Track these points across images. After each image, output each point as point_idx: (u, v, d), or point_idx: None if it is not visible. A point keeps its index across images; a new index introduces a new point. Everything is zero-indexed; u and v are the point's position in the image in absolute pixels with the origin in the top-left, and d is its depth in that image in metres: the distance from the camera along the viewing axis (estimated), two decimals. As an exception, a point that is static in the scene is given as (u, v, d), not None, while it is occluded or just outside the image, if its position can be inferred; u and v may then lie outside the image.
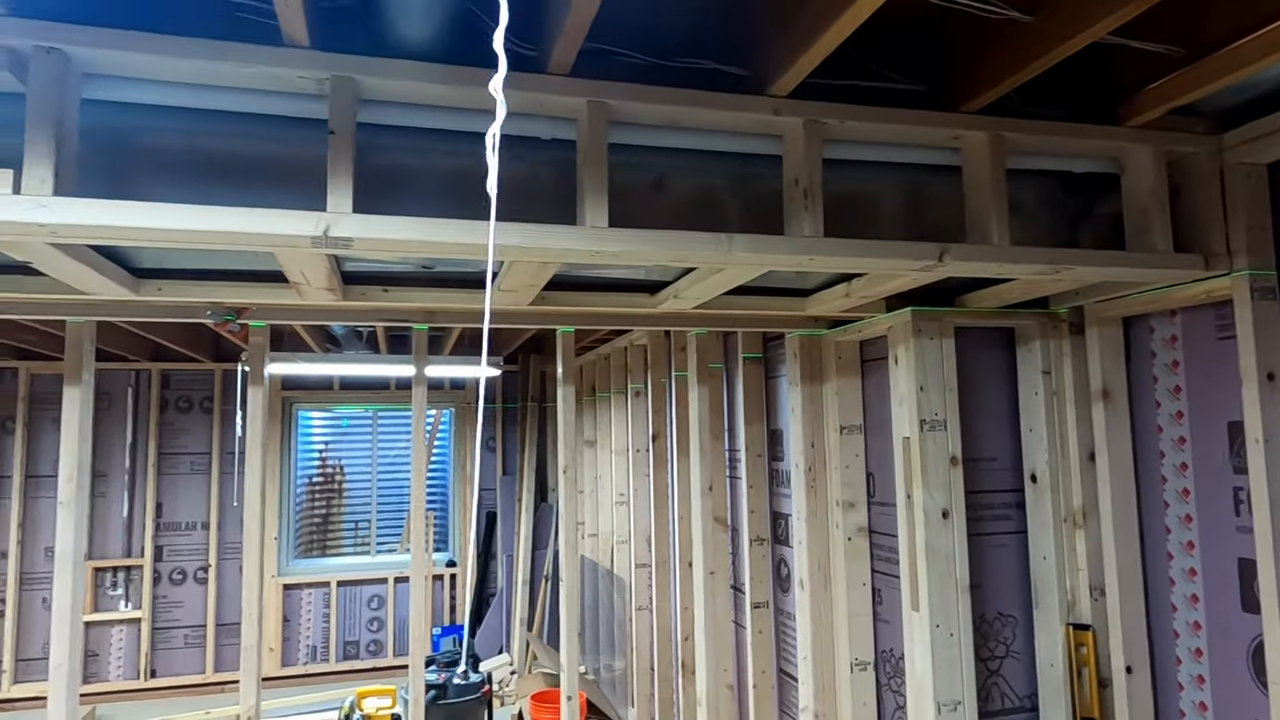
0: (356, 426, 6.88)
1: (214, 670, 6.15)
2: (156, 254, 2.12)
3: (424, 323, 2.65)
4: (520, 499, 6.66)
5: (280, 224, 1.58)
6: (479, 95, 1.73)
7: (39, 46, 1.49)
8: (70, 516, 2.36)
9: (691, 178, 2.13)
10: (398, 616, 6.60)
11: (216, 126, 1.83)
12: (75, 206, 1.47)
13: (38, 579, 5.92)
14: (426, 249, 1.69)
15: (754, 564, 3.59)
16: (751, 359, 3.68)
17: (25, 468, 5.91)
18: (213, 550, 6.21)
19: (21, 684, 5.82)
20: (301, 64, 1.61)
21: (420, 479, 2.75)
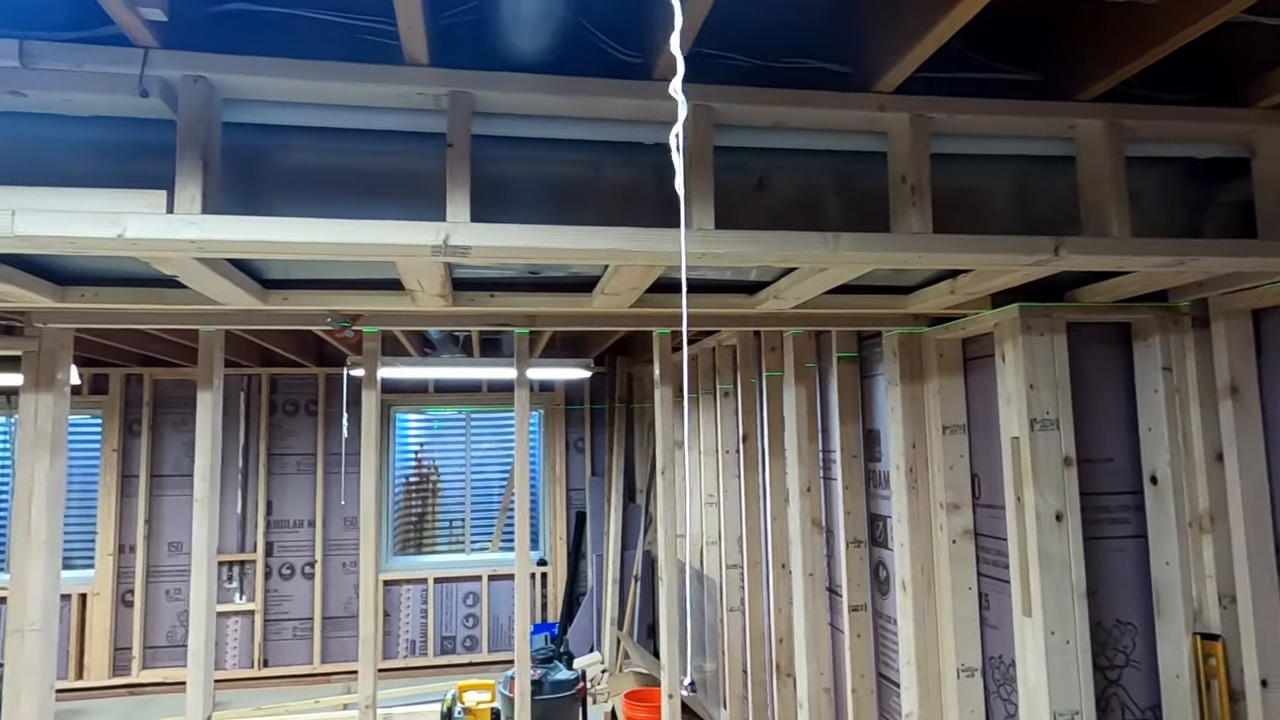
0: (449, 428, 7.08)
1: (321, 661, 6.44)
2: (284, 266, 2.25)
3: (525, 326, 2.72)
4: (609, 499, 6.74)
5: (403, 235, 1.66)
6: (587, 104, 1.78)
7: (187, 76, 1.61)
8: (205, 513, 2.52)
9: (793, 177, 2.13)
10: (492, 613, 6.77)
11: (337, 144, 1.92)
12: (221, 223, 1.58)
13: (162, 572, 6.32)
14: (539, 255, 1.74)
15: (851, 566, 3.54)
16: (846, 358, 3.63)
17: (150, 467, 6.32)
18: (318, 547, 6.50)
19: (149, 670, 6.23)
20: (421, 81, 1.69)
21: (524, 478, 2.82)
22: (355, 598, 6.57)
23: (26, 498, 2.43)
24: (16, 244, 1.56)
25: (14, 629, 2.44)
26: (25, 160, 1.78)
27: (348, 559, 6.59)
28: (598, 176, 2.04)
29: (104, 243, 1.57)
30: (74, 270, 2.24)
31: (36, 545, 2.43)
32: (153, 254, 1.66)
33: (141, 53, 1.59)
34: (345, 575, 6.58)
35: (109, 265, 2.22)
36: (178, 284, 2.31)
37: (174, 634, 6.31)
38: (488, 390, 6.91)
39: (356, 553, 6.60)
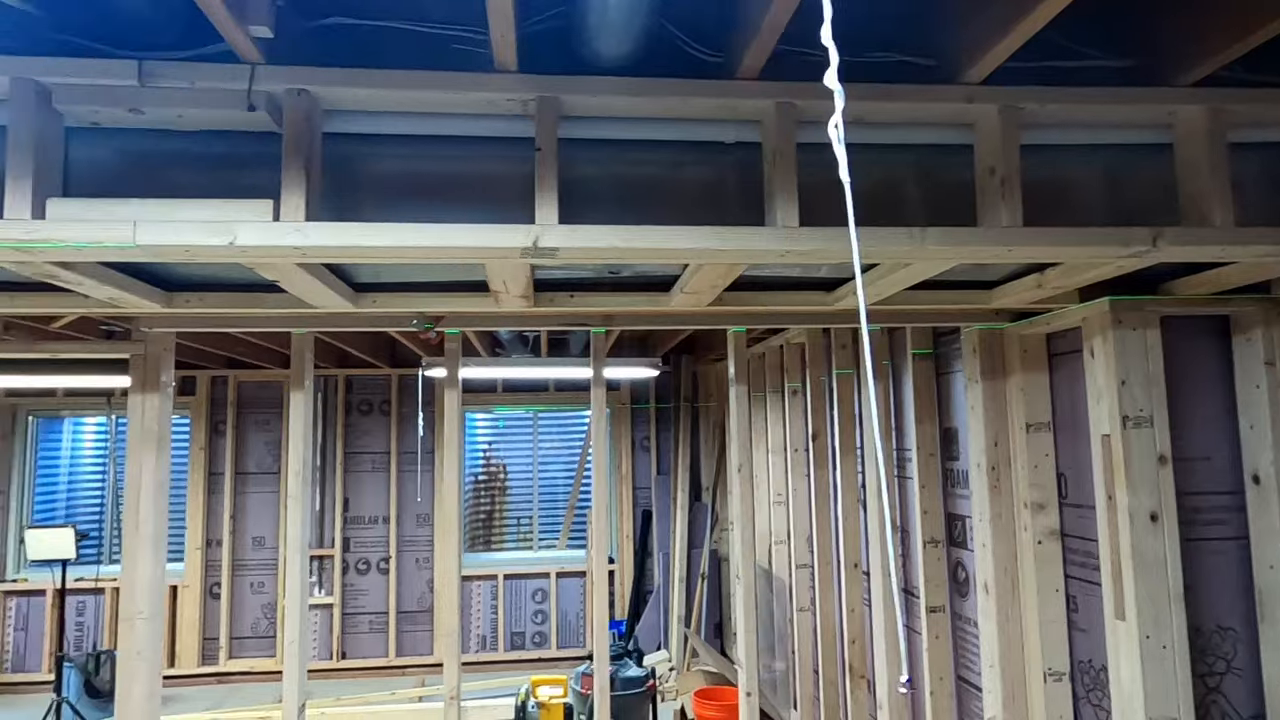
0: (514, 427, 7.20)
1: (395, 654, 6.62)
2: (373, 269, 2.32)
3: (602, 325, 2.75)
4: (675, 498, 6.76)
5: (495, 237, 1.70)
6: (669, 104, 1.79)
7: (290, 89, 1.68)
8: (298, 509, 2.63)
9: (872, 172, 2.10)
10: (560, 610, 6.85)
11: (423, 150, 1.98)
12: (323, 230, 1.65)
13: (247, 566, 6.58)
14: (624, 255, 1.77)
15: (928, 567, 3.48)
16: (921, 355, 3.57)
17: (235, 465, 6.59)
18: (392, 543, 6.68)
19: (235, 659, 6.50)
20: (510, 87, 1.73)
21: (601, 477, 2.86)
22: (428, 593, 6.74)
23: (135, 492, 2.56)
24: (137, 253, 1.65)
25: (125, 616, 2.58)
26: (140, 174, 1.89)
27: (420, 555, 6.75)
28: (677, 176, 2.05)
29: (216, 250, 1.65)
30: (179, 277, 2.36)
31: (144, 537, 2.57)
32: (258, 260, 1.74)
33: (249, 69, 1.67)
34: (418, 571, 6.74)
35: (211, 272, 2.33)
36: (274, 289, 2.41)
37: (258, 625, 6.56)
38: (554, 390, 7.00)
39: (429, 549, 6.76)
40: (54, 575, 6.19)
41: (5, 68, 1.60)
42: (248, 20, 1.54)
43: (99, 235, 1.58)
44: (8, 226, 1.57)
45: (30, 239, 1.57)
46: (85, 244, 1.60)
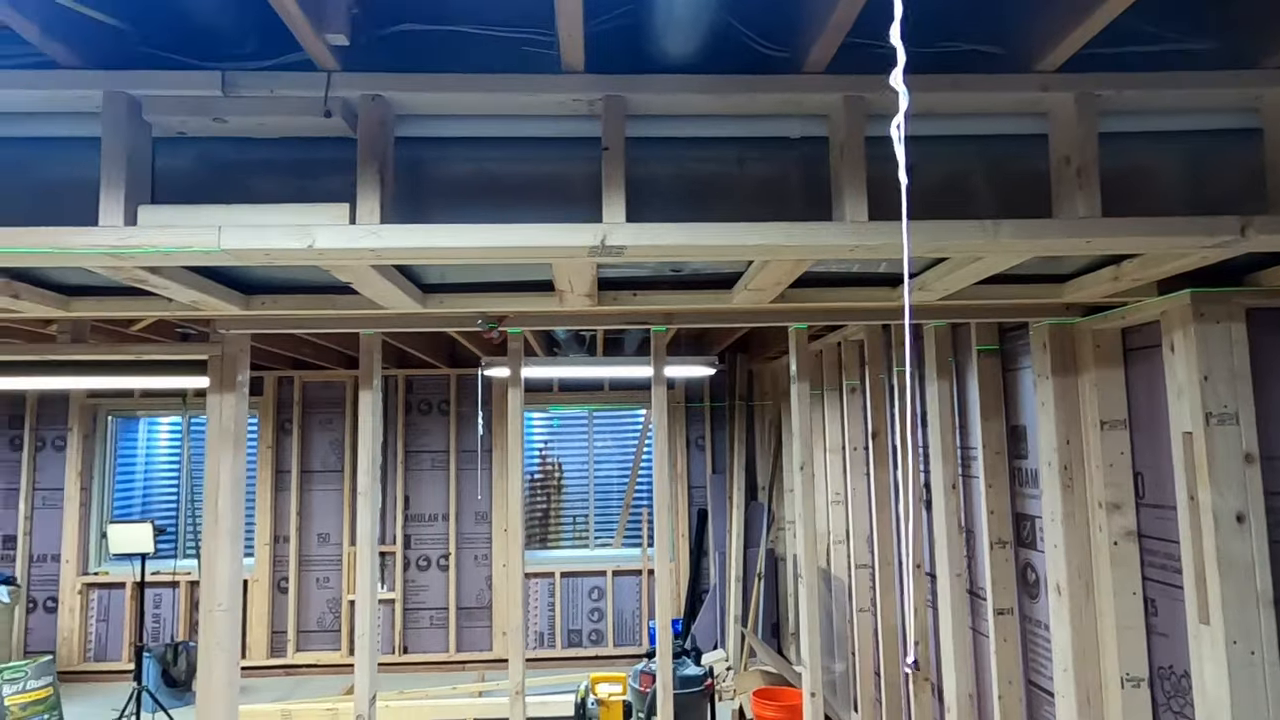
0: (569, 426, 7.25)
1: (455, 650, 6.73)
2: (440, 270, 2.37)
3: (663, 324, 2.76)
4: (730, 497, 6.73)
5: (564, 237, 1.72)
6: (734, 100, 1.79)
7: (365, 95, 1.73)
8: (368, 505, 2.69)
9: (940, 165, 2.06)
10: (616, 608, 6.88)
11: (487, 152, 2.01)
12: (397, 232, 1.69)
13: (313, 561, 6.77)
14: (691, 252, 1.77)
15: (995, 568, 3.40)
16: (987, 351, 3.49)
17: (300, 463, 6.78)
18: (452, 540, 6.80)
19: (302, 652, 6.68)
20: (577, 88, 1.75)
21: (663, 476, 2.87)
22: (486, 589, 6.83)
23: (214, 489, 2.66)
24: (222, 257, 1.71)
25: (205, 609, 2.68)
26: (220, 181, 1.96)
27: (479, 552, 6.85)
28: (741, 173, 2.04)
29: (295, 253, 1.70)
30: (255, 280, 2.43)
31: (223, 532, 2.66)
32: (335, 262, 1.79)
33: (325, 76, 1.72)
34: (477, 568, 6.84)
35: (286, 275, 2.40)
36: (345, 291, 2.48)
37: (323, 619, 6.74)
38: (609, 389, 7.03)
39: (487, 546, 6.86)
40: (134, 568, 6.46)
41: (98, 81, 1.67)
42: (325, 29, 1.59)
43: (187, 240, 1.65)
44: (103, 233, 1.65)
45: (123, 245, 1.65)
46: (173, 249, 1.67)
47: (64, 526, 6.60)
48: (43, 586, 6.61)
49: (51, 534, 6.64)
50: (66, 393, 6.65)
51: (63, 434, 6.69)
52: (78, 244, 1.63)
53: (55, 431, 6.71)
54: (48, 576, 6.62)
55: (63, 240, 1.63)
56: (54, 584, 6.61)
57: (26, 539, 6.61)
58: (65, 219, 1.86)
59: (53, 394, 6.68)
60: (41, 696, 5.20)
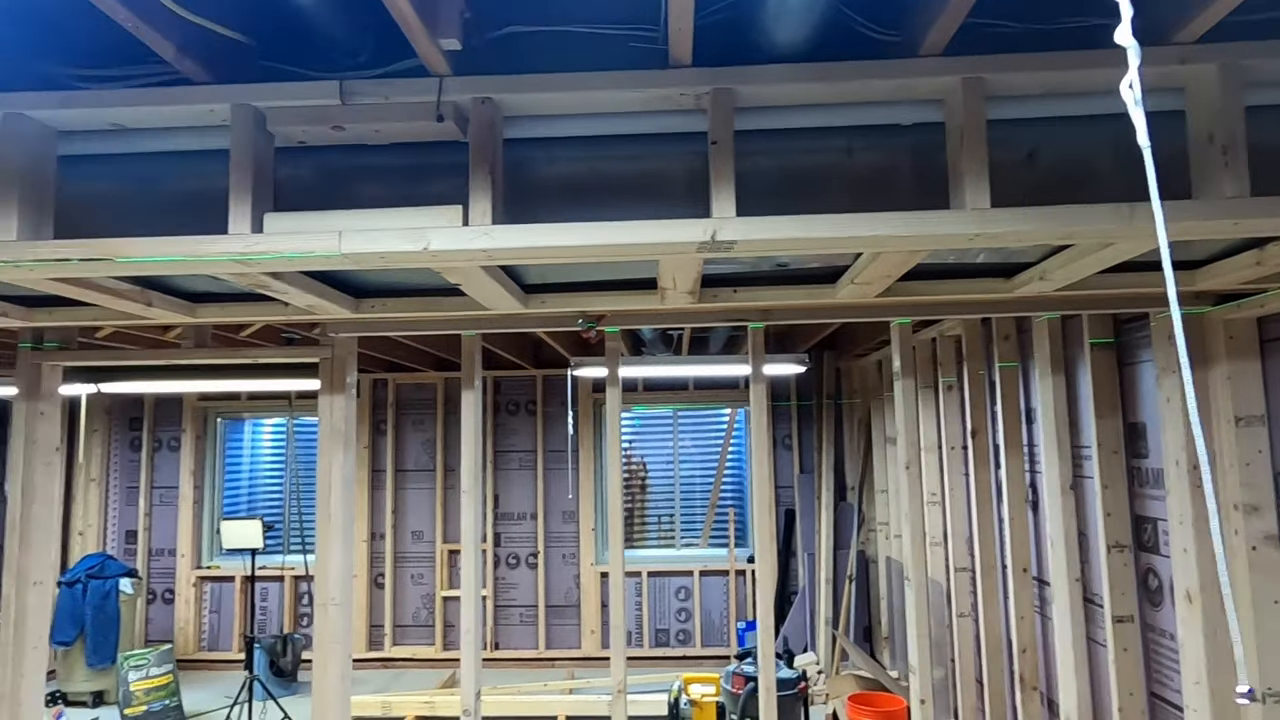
0: (654, 425, 7.25)
1: (545, 647, 6.82)
2: (540, 271, 2.39)
3: (760, 320, 2.71)
4: (819, 497, 6.61)
5: (672, 233, 1.70)
6: (846, 88, 1.74)
7: (476, 98, 1.75)
8: (471, 503, 2.74)
9: (1063, 147, 1.96)
10: (704, 608, 6.85)
11: (592, 151, 2.01)
12: (509, 232, 1.70)
13: (407, 558, 6.96)
14: (803, 245, 1.72)
15: (1113, 573, 3.22)
16: (1101, 345, 3.32)
17: (395, 463, 6.99)
18: (540, 539, 6.89)
19: (398, 646, 6.89)
20: (684, 82, 1.73)
21: (763, 474, 2.82)
22: (574, 588, 6.90)
23: (326, 487, 2.75)
24: (341, 261, 1.76)
25: (319, 602, 2.77)
26: (334, 188, 2.02)
27: (566, 550, 6.92)
28: (848, 162, 1.99)
29: (410, 256, 1.73)
30: (364, 284, 2.51)
31: (334, 528, 2.75)
32: (447, 264, 1.82)
33: (437, 81, 1.75)
34: (564, 566, 6.91)
35: (393, 278, 2.46)
36: (448, 293, 2.52)
37: (418, 615, 6.92)
38: (694, 388, 7.00)
39: (575, 545, 6.92)
40: (244, 563, 6.79)
41: (227, 95, 1.74)
42: (439, 34, 1.61)
43: (310, 246, 1.70)
44: (232, 241, 1.71)
45: (250, 251, 1.71)
46: (296, 254, 1.72)
47: (179, 522, 6.97)
48: (160, 579, 7.01)
49: (168, 529, 7.03)
50: (180, 396, 7.03)
51: (177, 435, 7.08)
52: (211, 251, 1.70)
53: (170, 433, 7.10)
54: (165, 569, 7.01)
55: (197, 248, 1.71)
56: (170, 577, 7.00)
57: (146, 534, 7.02)
58: (191, 229, 1.95)
59: (167, 397, 7.07)
60: (163, 683, 5.50)
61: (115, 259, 1.73)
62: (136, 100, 1.75)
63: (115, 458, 7.11)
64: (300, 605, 6.95)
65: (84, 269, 1.79)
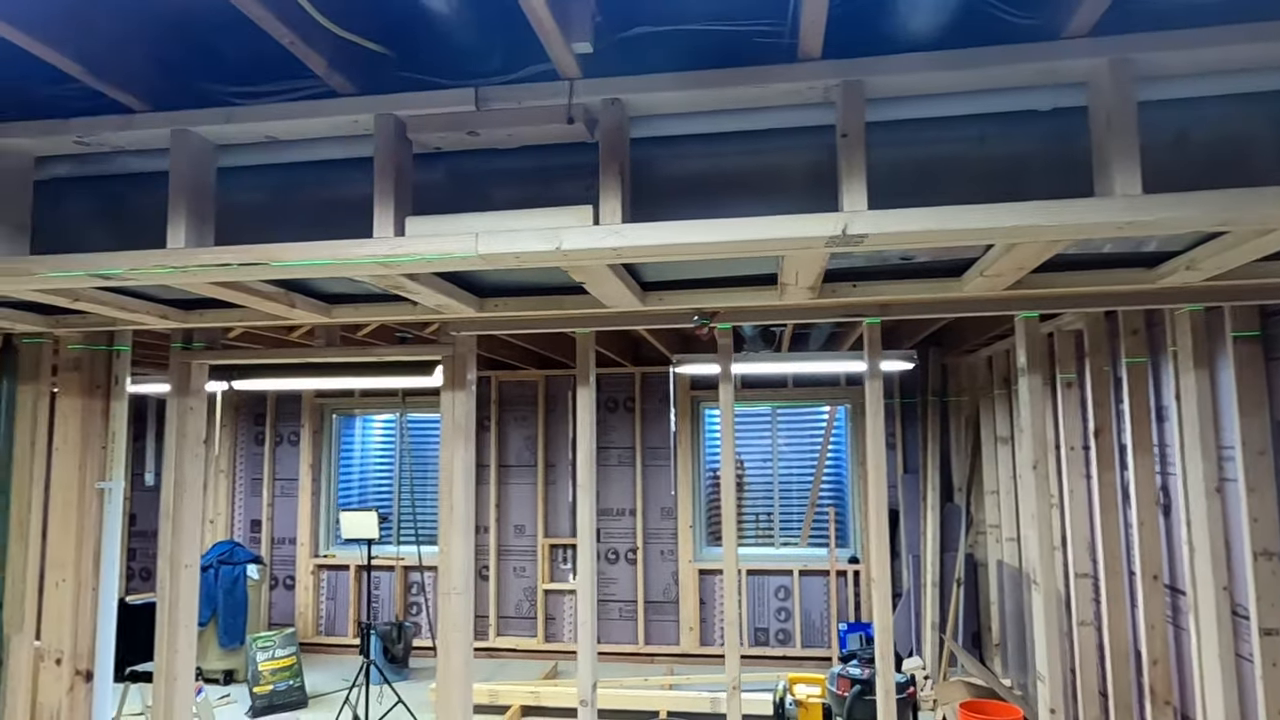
0: (751, 423, 7.19)
1: (644, 642, 6.88)
2: (658, 268, 2.41)
3: (877, 315, 2.66)
4: (924, 498, 6.42)
5: (802, 228, 1.69)
6: (984, 75, 1.69)
7: (605, 100, 1.78)
8: (588, 498, 2.79)
9: (1215, 128, 1.85)
10: (803, 608, 6.76)
11: (714, 148, 2.02)
12: (639, 230, 1.73)
13: (510, 551, 7.15)
14: (939, 238, 1.68)
15: (1260, 583, 3.01)
16: (1244, 338, 3.10)
17: (498, 458, 7.18)
18: (639, 535, 6.95)
19: (502, 637, 7.08)
20: (813, 75, 1.71)
21: (880, 475, 2.77)
22: (673, 584, 6.93)
23: (448, 480, 2.86)
24: (476, 261, 1.82)
25: (443, 591, 2.88)
26: (463, 191, 2.09)
27: (665, 547, 6.96)
28: (979, 151, 1.93)
29: (543, 255, 1.78)
30: (487, 283, 2.59)
31: (457, 520, 2.85)
32: (576, 262, 1.86)
33: (567, 85, 1.79)
34: (663, 562, 6.95)
35: (514, 278, 2.53)
36: (567, 291, 2.58)
37: (520, 607, 7.10)
38: (793, 385, 6.92)
39: (673, 541, 6.95)
40: (359, 552, 7.12)
41: (371, 106, 1.83)
42: (572, 39, 1.65)
43: (448, 247, 1.77)
44: (377, 244, 1.80)
45: (394, 254, 1.79)
46: (436, 255, 1.79)
47: (298, 513, 7.36)
48: (282, 566, 7.42)
49: (288, 519, 7.43)
50: (299, 394, 7.41)
51: (296, 430, 7.47)
52: (357, 255, 1.79)
53: (289, 428, 7.50)
54: (286, 557, 7.42)
55: (344, 252, 1.80)
56: (291, 564, 7.40)
57: (269, 524, 7.44)
58: (324, 234, 2.06)
59: (287, 395, 7.48)
60: (287, 664, 5.83)
61: (270, 263, 1.84)
62: (289, 114, 1.86)
63: (241, 451, 7.57)
64: (410, 594, 7.23)
65: (241, 273, 1.91)
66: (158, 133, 1.94)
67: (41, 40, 1.62)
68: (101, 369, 3.02)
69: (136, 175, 2.24)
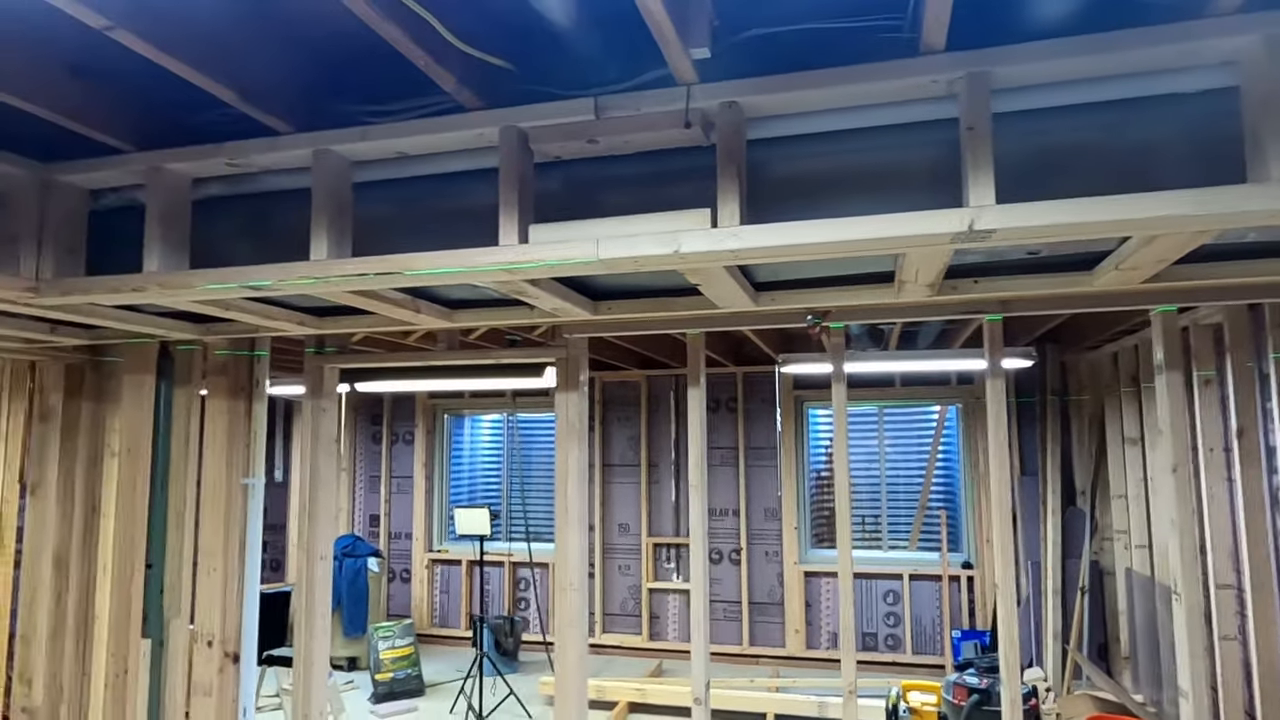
0: (856, 423, 7.05)
1: (749, 644, 6.84)
2: (772, 268, 2.41)
3: (998, 312, 2.57)
4: (1044, 502, 6.14)
5: (925, 224, 1.66)
6: (1124, 59, 1.61)
7: (722, 103, 1.79)
8: (699, 498, 2.81)
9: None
10: (914, 614, 6.58)
11: (827, 147, 2.00)
12: (757, 232, 1.73)
13: (615, 550, 7.25)
14: (1073, 231, 1.62)
15: None
16: None
17: (602, 458, 7.30)
18: (743, 535, 6.92)
19: (607, 634, 7.18)
20: (935, 69, 1.68)
21: (1003, 475, 2.67)
22: (778, 586, 6.87)
23: (563, 479, 2.93)
24: (597, 267, 1.87)
25: (559, 587, 2.96)
26: (578, 198, 2.14)
27: (769, 548, 6.91)
28: (1112, 140, 1.84)
29: (661, 259, 1.81)
30: (599, 287, 2.65)
31: (571, 518, 2.92)
32: (694, 265, 1.88)
33: (684, 90, 1.81)
34: (767, 564, 6.90)
35: (626, 281, 2.58)
36: (679, 293, 2.60)
37: (625, 605, 7.19)
38: (900, 384, 6.74)
39: (778, 542, 6.89)
40: (471, 548, 7.38)
41: (496, 119, 1.91)
42: (690, 44, 1.67)
43: (570, 253, 1.82)
44: (502, 251, 1.87)
45: (518, 260, 1.86)
46: (558, 261, 1.85)
47: (413, 509, 7.69)
48: (398, 560, 7.76)
49: (404, 515, 7.78)
50: (413, 395, 7.74)
51: (410, 430, 7.81)
52: (484, 262, 1.87)
53: (404, 428, 7.85)
54: (402, 551, 7.76)
55: (472, 259, 1.89)
56: (406, 558, 7.73)
57: (386, 519, 7.80)
58: (445, 243, 2.15)
59: (402, 396, 7.82)
60: (406, 653, 6.10)
61: (404, 272, 1.94)
62: (419, 130, 1.95)
63: (360, 449, 7.97)
64: (518, 590, 7.44)
65: (376, 282, 2.03)
66: (300, 153, 2.07)
67: (204, 71, 1.77)
68: (244, 373, 3.25)
69: (277, 192, 2.40)
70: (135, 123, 2.16)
